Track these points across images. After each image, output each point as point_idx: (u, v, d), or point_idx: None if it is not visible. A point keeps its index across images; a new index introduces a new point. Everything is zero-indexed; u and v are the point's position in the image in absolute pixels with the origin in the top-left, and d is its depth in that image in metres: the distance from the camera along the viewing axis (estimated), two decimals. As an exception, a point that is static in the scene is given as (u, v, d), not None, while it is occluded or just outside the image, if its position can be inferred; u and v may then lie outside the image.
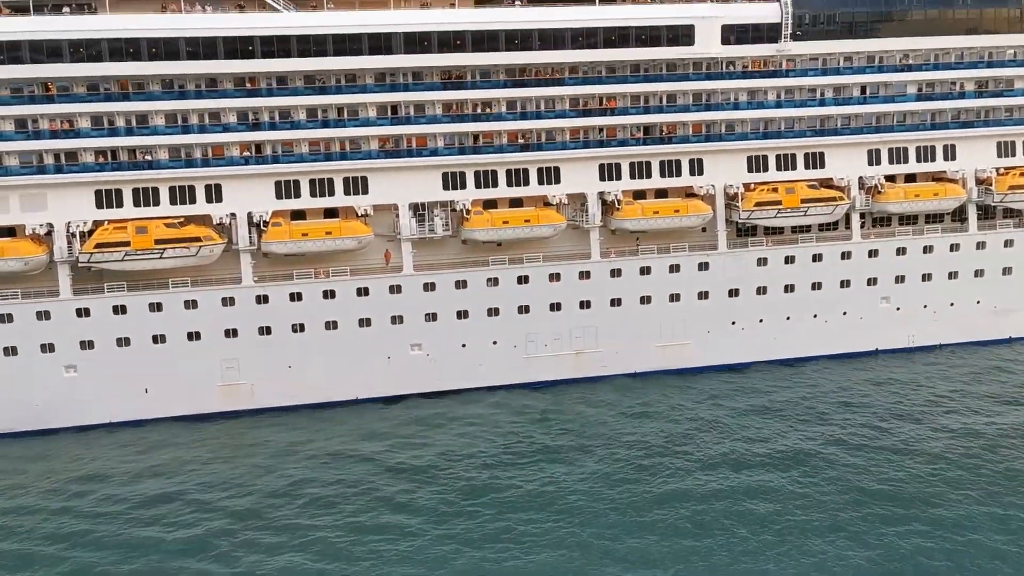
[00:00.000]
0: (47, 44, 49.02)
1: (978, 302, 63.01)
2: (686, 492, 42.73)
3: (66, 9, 50.47)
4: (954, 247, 62.17)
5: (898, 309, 61.98)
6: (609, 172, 57.84)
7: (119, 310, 52.55)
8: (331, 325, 55.01)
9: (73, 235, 51.71)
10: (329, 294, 54.78)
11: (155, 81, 51.69)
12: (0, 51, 48.75)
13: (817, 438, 48.10)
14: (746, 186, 59.40)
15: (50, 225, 51.80)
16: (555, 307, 57.60)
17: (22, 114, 50.73)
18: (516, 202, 57.79)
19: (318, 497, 43.47)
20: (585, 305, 57.96)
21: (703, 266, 59.09)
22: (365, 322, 55.40)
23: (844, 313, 61.26)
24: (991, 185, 61.80)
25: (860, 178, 60.76)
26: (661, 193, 59.65)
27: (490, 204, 57.31)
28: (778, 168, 59.89)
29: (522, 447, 48.36)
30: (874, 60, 60.10)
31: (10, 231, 52.10)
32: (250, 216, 53.63)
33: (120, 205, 52.43)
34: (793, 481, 43.42)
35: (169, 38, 50.31)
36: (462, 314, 56.48)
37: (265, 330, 54.32)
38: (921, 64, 60.69)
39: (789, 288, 60.28)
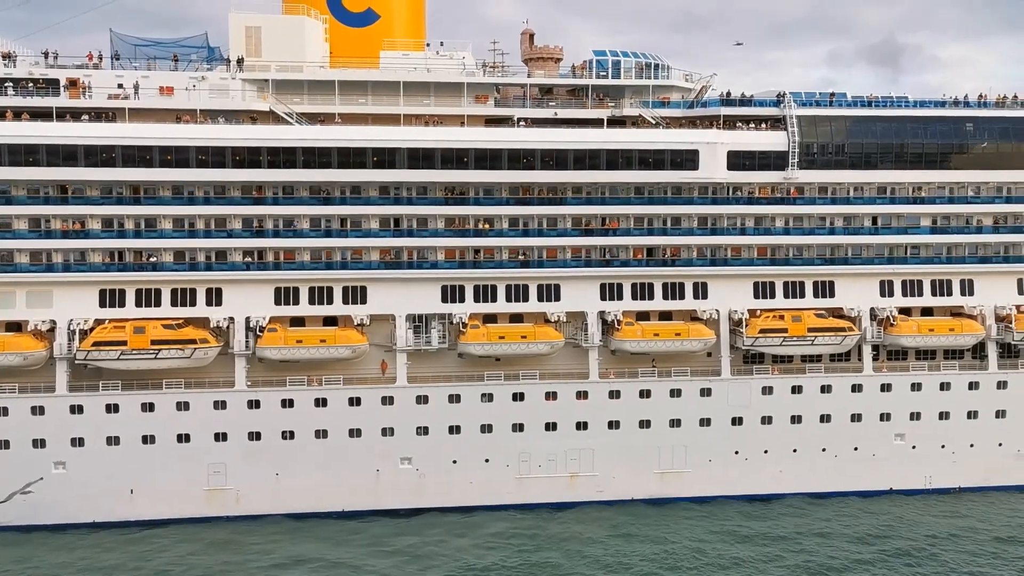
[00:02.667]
0: (63, 148, 51.30)
1: (1000, 444, 59.88)
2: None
3: (85, 117, 52.89)
4: (973, 385, 59.61)
5: (914, 447, 59.17)
6: (610, 292, 57.41)
7: (111, 408, 52.90)
8: (321, 434, 54.54)
9: (73, 332, 52.72)
10: (321, 402, 54.52)
11: (165, 187, 53.46)
12: (19, 153, 51.14)
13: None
14: (752, 312, 58.28)
15: (53, 322, 52.98)
16: (551, 427, 56.36)
17: (36, 214, 52.72)
18: (516, 317, 57.50)
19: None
20: (582, 426, 56.63)
21: (705, 392, 57.52)
22: (355, 432, 54.82)
23: (855, 448, 58.70)
24: (1011, 323, 59.59)
25: (871, 309, 59.20)
26: (666, 315, 58.85)
27: (490, 319, 57.11)
28: (786, 295, 58.75)
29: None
30: (885, 191, 59.40)
31: (16, 326, 53.38)
32: (248, 321, 54.19)
33: (123, 305, 53.54)
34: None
35: (180, 147, 52.26)
36: (454, 429, 55.57)
37: (255, 436, 54.05)
38: (935, 197, 59.72)
39: (796, 419, 58.17)
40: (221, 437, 53.79)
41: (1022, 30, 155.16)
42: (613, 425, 56.87)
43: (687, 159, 56.38)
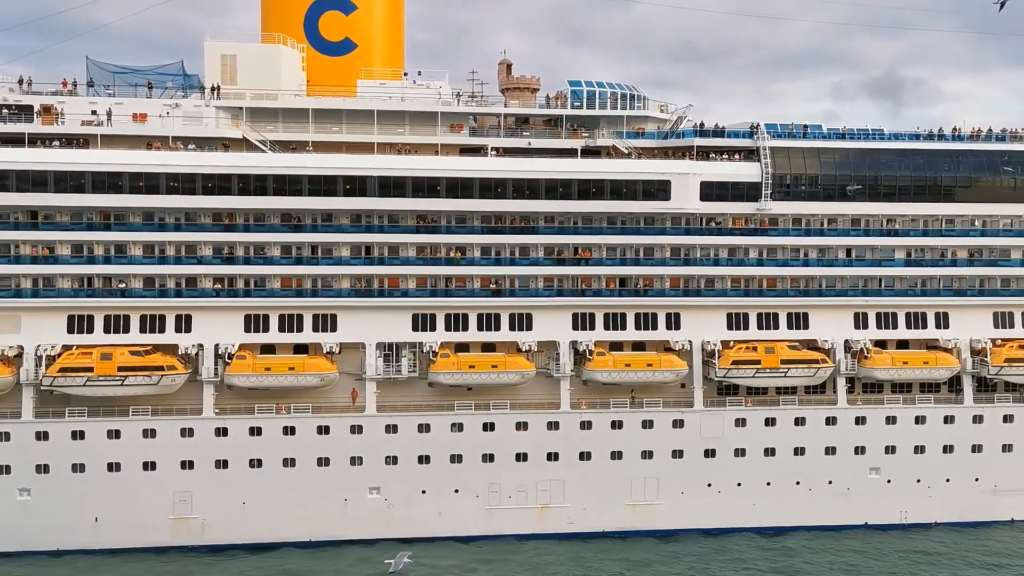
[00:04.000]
0: (33, 174, 51.33)
1: (976, 479, 59.30)
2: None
3: (55, 143, 53.03)
4: (948, 419, 59.13)
5: (889, 482, 58.59)
6: (583, 321, 57.17)
7: (77, 435, 52.55)
8: (289, 462, 54.13)
9: (41, 358, 52.48)
10: (289, 430, 54.16)
11: (135, 213, 53.45)
12: None
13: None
14: (725, 343, 57.99)
15: (20, 347, 52.78)
16: (521, 457, 55.90)
17: (5, 239, 52.63)
18: (488, 347, 57.23)
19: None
20: (553, 457, 56.16)
21: (678, 423, 57.09)
22: (324, 461, 54.40)
23: (830, 482, 58.12)
24: (986, 356, 59.21)
25: (846, 341, 58.89)
26: (640, 346, 58.56)
27: (462, 347, 56.84)
28: (759, 327, 58.49)
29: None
30: (859, 223, 59.28)
31: (-16, 351, 53.20)
32: (217, 348, 53.96)
33: (91, 331, 53.32)
34: None
35: (150, 173, 52.31)
36: (423, 459, 55.14)
37: (222, 463, 53.64)
38: (908, 229, 59.58)
39: (769, 451, 57.69)
40: (187, 465, 53.38)
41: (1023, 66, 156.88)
42: (584, 456, 56.39)
43: (659, 189, 56.38)
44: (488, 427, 55.63)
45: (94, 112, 54.31)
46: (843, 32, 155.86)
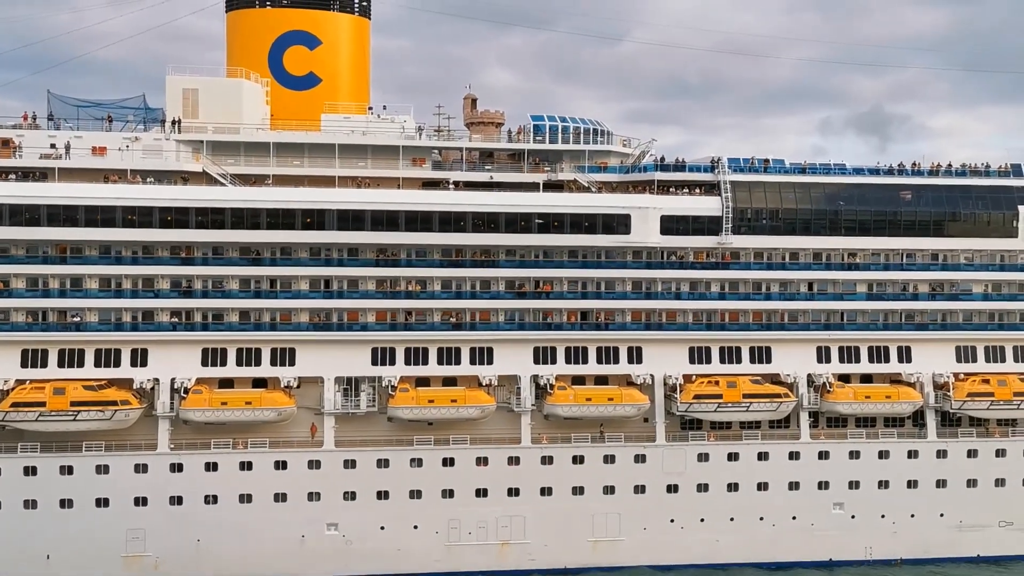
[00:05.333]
0: None
1: (942, 515, 58.91)
2: None
3: (12, 176, 52.84)
4: (912, 454, 58.85)
5: (853, 517, 58.14)
6: (544, 355, 56.88)
7: (29, 471, 51.81)
8: (245, 498, 53.43)
9: (-8, 393, 51.94)
10: (246, 466, 53.52)
11: (92, 246, 53.15)
12: None
13: None
14: (687, 377, 57.72)
15: (-28, 382, 52.23)
16: (481, 493, 55.33)
17: (-41, 274, 52.33)
18: (449, 381, 56.85)
19: None
20: (513, 492, 55.61)
21: (640, 458, 56.66)
22: (281, 497, 53.73)
23: (793, 518, 57.65)
24: (949, 391, 59.08)
25: (809, 375, 58.70)
26: (602, 380, 58.24)
27: (422, 382, 56.44)
28: (722, 361, 58.25)
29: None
30: (821, 257, 59.39)
31: (-63, 386, 52.53)
32: (173, 382, 53.45)
33: (45, 365, 52.76)
34: None
35: (106, 206, 52.08)
36: (382, 495, 54.53)
37: (176, 500, 52.90)
38: (870, 263, 59.71)
39: (732, 487, 57.22)
40: (141, 501, 52.61)
41: (1012, 101, 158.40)
42: (545, 491, 55.86)
43: (619, 223, 56.42)
44: (448, 462, 55.09)
45: (53, 146, 54.29)
46: (830, 68, 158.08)
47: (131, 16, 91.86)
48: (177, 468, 52.98)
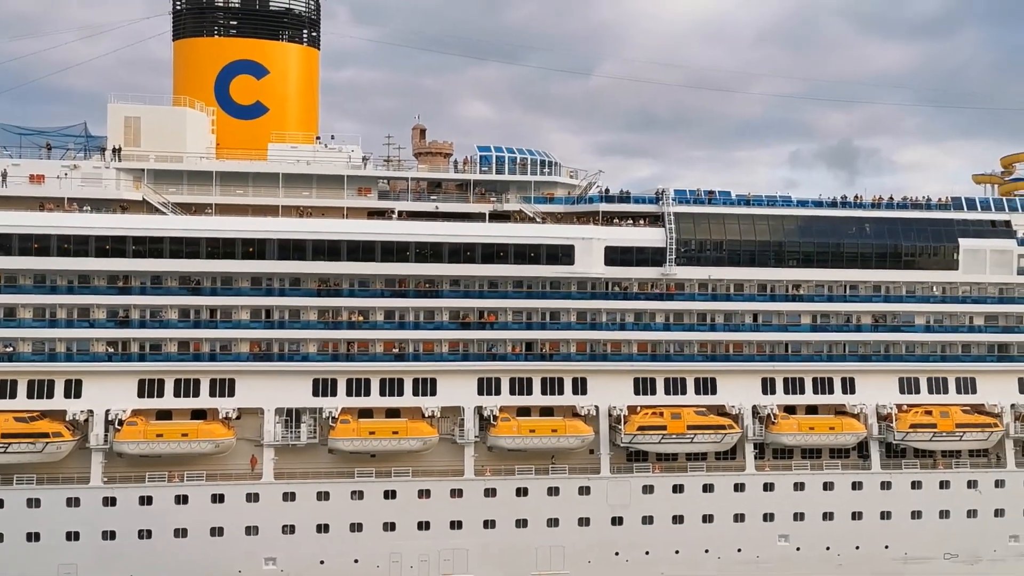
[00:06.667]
0: None
1: (886, 547, 58.88)
2: None
3: (-58, 207, 52.09)
4: (856, 485, 58.89)
5: (798, 549, 57.98)
6: (488, 386, 56.51)
7: None
8: (180, 532, 52.39)
9: (-80, 427, 50.64)
10: (181, 499, 52.53)
11: (26, 275, 52.28)
12: None
13: None
14: (632, 409, 57.53)
15: (-102, 414, 50.94)
16: (423, 526, 54.65)
17: None
18: (393, 412, 56.27)
19: None
20: (456, 525, 54.95)
21: (584, 490, 56.28)
22: (217, 531, 52.73)
23: (739, 550, 57.40)
24: (892, 422, 59.30)
25: (754, 407, 58.72)
26: (548, 411, 57.91)
27: (365, 413, 55.82)
28: (667, 392, 58.16)
29: None
30: (765, 288, 59.65)
31: None
32: (108, 413, 52.47)
33: (-24, 397, 51.70)
34: None
35: (40, 235, 51.32)
36: (322, 528, 53.72)
37: (109, 535, 51.76)
38: (813, 295, 60.04)
39: (678, 519, 56.94)
40: (73, 536, 51.43)
41: (978, 136, 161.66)
42: (488, 524, 55.29)
43: (563, 254, 56.41)
44: (390, 494, 54.43)
45: (-10, 173, 53.55)
46: (799, 102, 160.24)
47: (98, 44, 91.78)
48: (110, 502, 51.87)
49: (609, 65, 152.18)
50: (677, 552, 56.81)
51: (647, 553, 56.54)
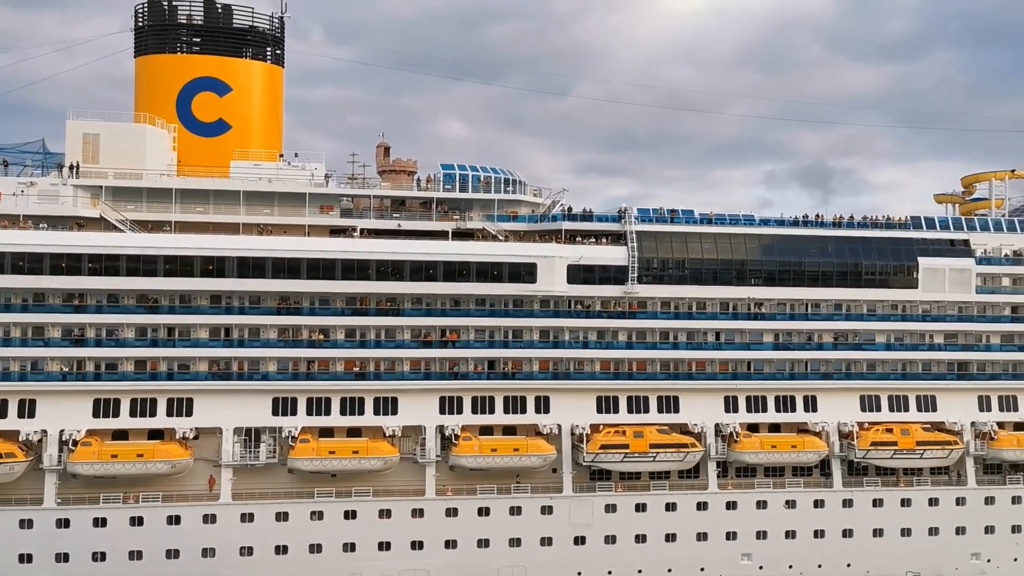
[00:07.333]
0: None
1: (849, 565, 58.96)
2: None
3: None
4: (818, 503, 59.01)
5: (761, 568, 57.94)
6: (450, 405, 56.21)
7: None
8: (135, 555, 51.58)
9: None
10: (137, 521, 51.73)
11: (-21, 293, 51.62)
12: None
13: None
14: (594, 427, 57.38)
15: None
16: (384, 546, 54.11)
17: None
18: (354, 431, 55.81)
19: None
20: (417, 546, 54.48)
21: (546, 510, 55.99)
22: (173, 553, 51.97)
23: (702, 569, 57.26)
24: (854, 440, 59.50)
25: (716, 425, 58.75)
26: (511, 429, 57.67)
27: (326, 432, 55.31)
28: (629, 410, 58.08)
29: None
30: (727, 307, 59.87)
31: None
32: (61, 434, 51.65)
33: (-73, 416, 50.79)
34: None
35: None
36: (281, 549, 53.05)
37: (62, 557, 50.84)
38: (775, 313, 60.32)
39: (640, 538, 56.74)
40: (25, 559, 50.50)
41: (949, 157, 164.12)
42: (450, 544, 54.84)
43: (525, 272, 56.34)
44: (350, 515, 53.91)
45: (-55, 191, 52.81)
46: (775, 123, 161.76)
47: (72, 59, 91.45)
48: (64, 524, 51.01)
49: (587, 86, 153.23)
50: (640, 572, 56.57)
51: (609, 573, 56.28)
